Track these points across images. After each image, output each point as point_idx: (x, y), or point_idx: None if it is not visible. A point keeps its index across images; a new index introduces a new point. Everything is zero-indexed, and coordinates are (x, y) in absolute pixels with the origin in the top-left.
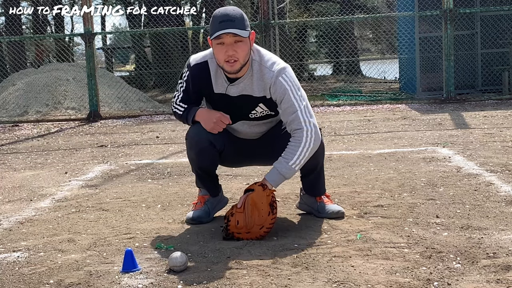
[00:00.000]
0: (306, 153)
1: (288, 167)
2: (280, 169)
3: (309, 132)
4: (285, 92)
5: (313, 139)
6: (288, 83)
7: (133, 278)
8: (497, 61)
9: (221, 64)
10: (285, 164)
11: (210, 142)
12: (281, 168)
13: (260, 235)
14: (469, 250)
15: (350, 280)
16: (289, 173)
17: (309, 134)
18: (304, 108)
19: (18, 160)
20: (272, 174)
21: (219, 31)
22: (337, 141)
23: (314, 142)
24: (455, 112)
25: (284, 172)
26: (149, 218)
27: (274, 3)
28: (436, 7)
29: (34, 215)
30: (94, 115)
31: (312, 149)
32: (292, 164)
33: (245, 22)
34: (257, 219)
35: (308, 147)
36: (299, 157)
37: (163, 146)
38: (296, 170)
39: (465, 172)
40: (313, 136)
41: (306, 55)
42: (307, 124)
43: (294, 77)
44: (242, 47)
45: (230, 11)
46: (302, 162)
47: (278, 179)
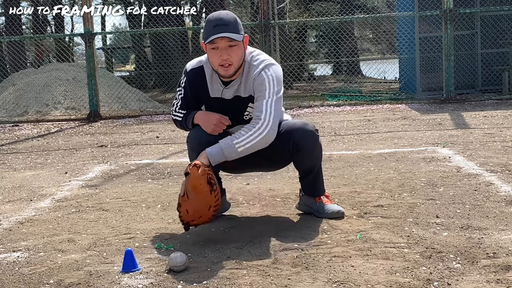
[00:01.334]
0: (254, 140)
1: (232, 145)
2: (223, 145)
3: (265, 123)
4: (263, 82)
5: (266, 131)
6: (269, 77)
7: (133, 278)
8: (497, 61)
9: (216, 68)
10: (229, 142)
11: (210, 144)
12: (224, 144)
13: (212, 215)
14: (469, 250)
15: (350, 280)
16: (229, 151)
17: (264, 124)
18: (272, 101)
19: (18, 160)
20: (214, 147)
21: (213, 35)
22: (337, 141)
23: (266, 135)
24: (455, 112)
25: (225, 149)
26: (149, 218)
27: (274, 3)
28: (436, 7)
29: (34, 215)
30: (94, 115)
31: (261, 141)
32: (236, 143)
33: (239, 26)
34: (202, 200)
35: (258, 136)
36: (245, 140)
37: (163, 146)
38: (238, 152)
39: (465, 172)
40: (267, 128)
41: (306, 55)
42: (267, 115)
43: (278, 74)
44: (236, 51)
45: (223, 16)
46: (246, 146)
47: (217, 153)
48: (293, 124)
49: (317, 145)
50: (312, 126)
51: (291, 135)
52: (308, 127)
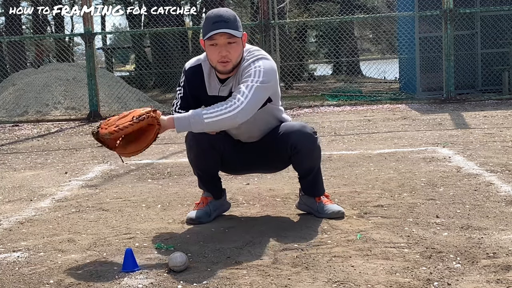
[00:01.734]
0: (222, 116)
1: (200, 114)
2: (191, 112)
3: (238, 103)
4: (248, 72)
5: (237, 111)
6: (256, 67)
7: (133, 278)
8: (497, 61)
9: (214, 64)
10: (198, 111)
11: (209, 143)
12: (193, 112)
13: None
14: (469, 250)
15: (350, 280)
16: (195, 120)
17: (236, 104)
18: (252, 87)
19: (18, 160)
20: (182, 114)
21: (212, 31)
22: (337, 141)
23: (235, 115)
24: (455, 112)
25: (192, 116)
26: (149, 218)
27: (274, 3)
28: (436, 7)
29: (34, 215)
30: (94, 115)
31: (229, 119)
32: (205, 114)
33: (238, 23)
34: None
35: (228, 113)
36: (215, 113)
37: (163, 146)
38: (204, 123)
39: (465, 172)
40: (238, 109)
41: (306, 55)
42: (242, 97)
43: (267, 67)
44: (235, 47)
45: (223, 12)
46: (214, 119)
47: (184, 120)
48: (291, 127)
49: (316, 147)
50: (310, 128)
51: (289, 138)
52: (306, 130)
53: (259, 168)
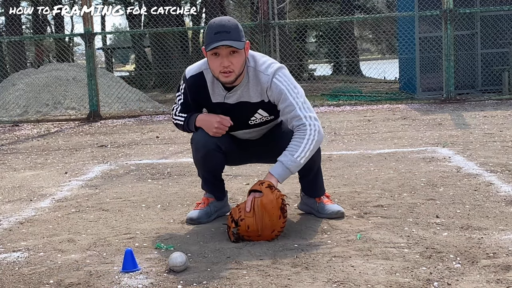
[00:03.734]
0: (311, 145)
1: (293, 159)
2: (285, 162)
3: (312, 125)
4: (281, 92)
5: (317, 132)
6: (283, 83)
7: (133, 278)
8: (497, 61)
9: (216, 75)
10: (290, 157)
11: (216, 145)
12: (286, 161)
13: (272, 238)
14: (469, 250)
15: (350, 280)
16: (293, 165)
17: (312, 127)
18: (302, 104)
19: (18, 160)
20: (277, 167)
21: (214, 43)
22: (337, 141)
23: (318, 135)
24: (455, 112)
25: (289, 165)
26: (149, 218)
27: (274, 3)
28: (436, 7)
29: (34, 215)
30: (94, 115)
31: (317, 142)
32: (297, 156)
33: (240, 32)
34: (268, 223)
35: (313, 140)
36: (304, 150)
37: (163, 146)
38: (301, 163)
39: (465, 172)
40: (316, 129)
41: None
42: (307, 119)
43: (289, 76)
44: (237, 58)
45: (225, 22)
46: (307, 155)
47: (283, 172)
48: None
49: None
50: None
51: (289, 136)
52: None
53: (263, 159)
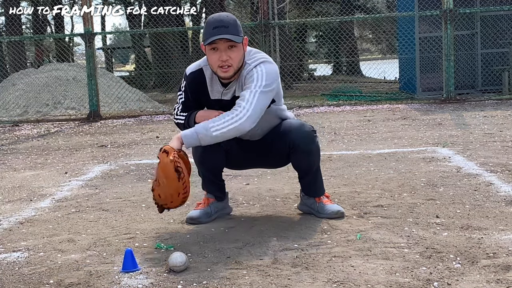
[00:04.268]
0: (229, 126)
1: (207, 127)
2: (198, 127)
3: (243, 111)
4: (251, 77)
5: (243, 119)
6: (258, 72)
7: (133, 278)
8: (497, 61)
9: (215, 69)
10: (205, 125)
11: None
12: (200, 126)
13: (182, 201)
14: (469, 250)
15: (350, 280)
16: (203, 133)
17: (242, 113)
18: (256, 93)
19: (18, 160)
20: (189, 130)
21: (212, 36)
22: (337, 141)
23: (242, 123)
24: (455, 112)
25: (199, 131)
26: (149, 218)
27: (274, 3)
28: (436, 7)
29: (34, 215)
30: (94, 115)
31: (236, 128)
32: (212, 127)
33: (239, 28)
34: (172, 187)
35: (234, 123)
36: (221, 125)
37: None
38: (212, 136)
39: (465, 172)
40: (244, 117)
41: (306, 55)
42: (247, 104)
43: (269, 71)
44: (235, 52)
45: (223, 17)
46: (221, 131)
47: (190, 134)
48: (290, 125)
49: (314, 145)
50: (309, 127)
51: (288, 136)
52: (305, 128)
53: (260, 164)
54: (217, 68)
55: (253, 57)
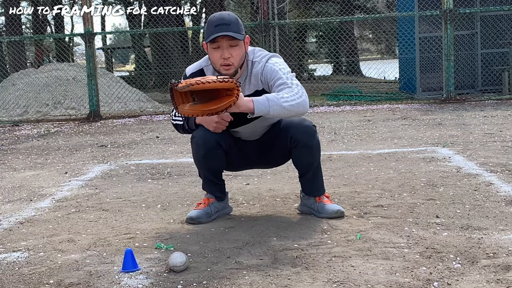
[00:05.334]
0: (298, 100)
1: (278, 97)
2: (269, 96)
3: (298, 88)
4: (273, 70)
5: (304, 96)
6: (276, 65)
7: (133, 278)
8: (497, 61)
9: (217, 68)
10: (274, 95)
11: (216, 142)
12: (270, 95)
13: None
14: (469, 250)
15: (350, 280)
16: (275, 102)
17: (300, 90)
18: (291, 77)
19: (18, 160)
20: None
21: (214, 34)
22: (337, 141)
23: (305, 99)
24: (455, 112)
25: (271, 99)
26: (149, 218)
27: (274, 3)
28: (436, 7)
29: (34, 215)
30: (94, 115)
31: (303, 103)
32: (281, 98)
33: (240, 26)
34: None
35: (300, 97)
36: (290, 98)
37: (163, 146)
38: (282, 106)
39: (465, 172)
40: (303, 94)
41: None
42: (294, 85)
43: (282, 61)
44: (237, 50)
45: (225, 16)
46: (291, 103)
47: (263, 102)
48: (291, 120)
49: (315, 140)
50: (309, 122)
51: (289, 131)
52: (306, 123)
53: (260, 163)
54: (219, 67)
55: (259, 55)
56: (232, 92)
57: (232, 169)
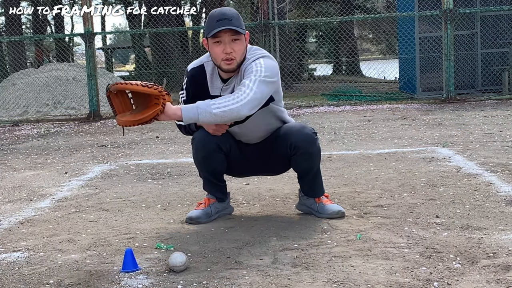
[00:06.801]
0: (231, 106)
1: (208, 104)
2: (199, 103)
3: (243, 95)
4: (251, 69)
5: (243, 102)
6: (257, 64)
7: (133, 278)
8: (497, 61)
9: (218, 63)
10: (206, 101)
11: (217, 145)
12: (201, 102)
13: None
14: (469, 250)
15: (350, 280)
16: (204, 109)
17: (243, 96)
18: (256, 80)
19: (18, 160)
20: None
21: (216, 28)
22: (337, 141)
23: (242, 105)
24: (455, 112)
25: (200, 106)
26: (149, 218)
27: (274, 3)
28: (436, 7)
29: (34, 215)
30: (94, 115)
31: (235, 110)
32: (212, 104)
33: (241, 21)
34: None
35: (236, 103)
36: (222, 104)
37: (163, 146)
38: (212, 113)
39: (465, 172)
40: (244, 100)
41: (306, 55)
42: (247, 90)
43: (268, 64)
44: (239, 45)
45: (226, 11)
46: (222, 109)
47: (191, 109)
48: (291, 127)
49: (315, 147)
50: (310, 129)
51: (289, 138)
52: (306, 130)
53: (261, 170)
54: (220, 61)
55: (253, 53)
56: (158, 101)
57: (232, 174)
